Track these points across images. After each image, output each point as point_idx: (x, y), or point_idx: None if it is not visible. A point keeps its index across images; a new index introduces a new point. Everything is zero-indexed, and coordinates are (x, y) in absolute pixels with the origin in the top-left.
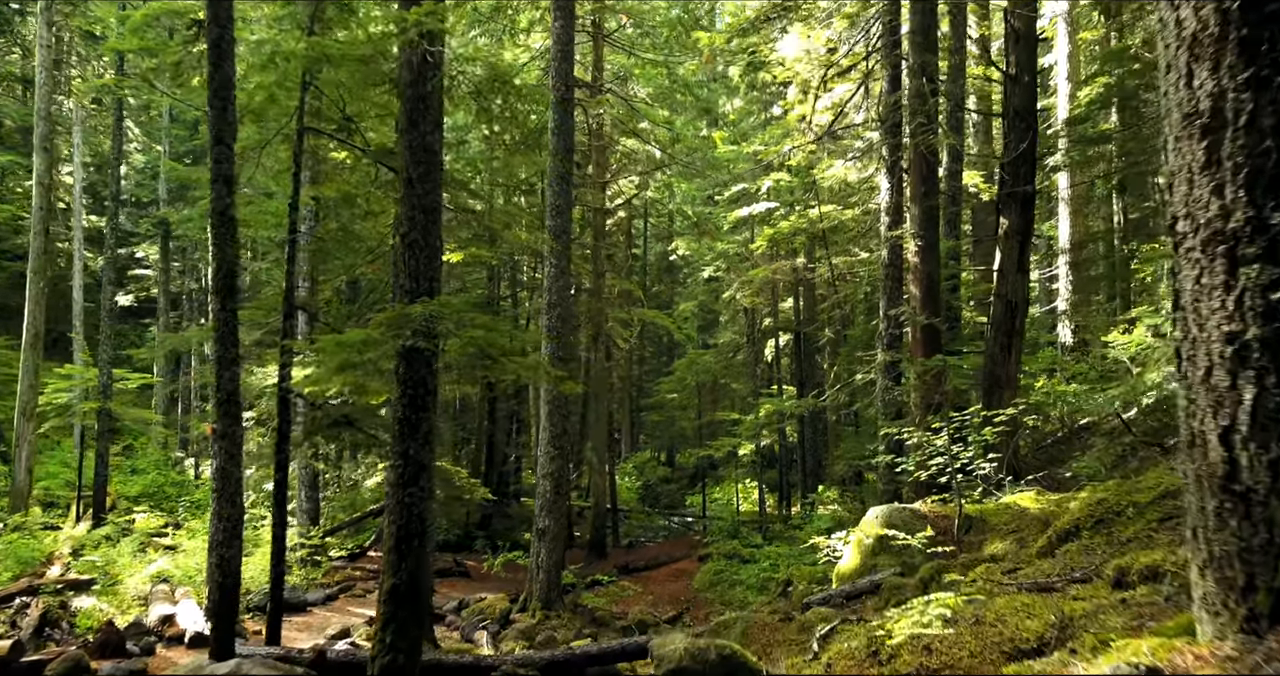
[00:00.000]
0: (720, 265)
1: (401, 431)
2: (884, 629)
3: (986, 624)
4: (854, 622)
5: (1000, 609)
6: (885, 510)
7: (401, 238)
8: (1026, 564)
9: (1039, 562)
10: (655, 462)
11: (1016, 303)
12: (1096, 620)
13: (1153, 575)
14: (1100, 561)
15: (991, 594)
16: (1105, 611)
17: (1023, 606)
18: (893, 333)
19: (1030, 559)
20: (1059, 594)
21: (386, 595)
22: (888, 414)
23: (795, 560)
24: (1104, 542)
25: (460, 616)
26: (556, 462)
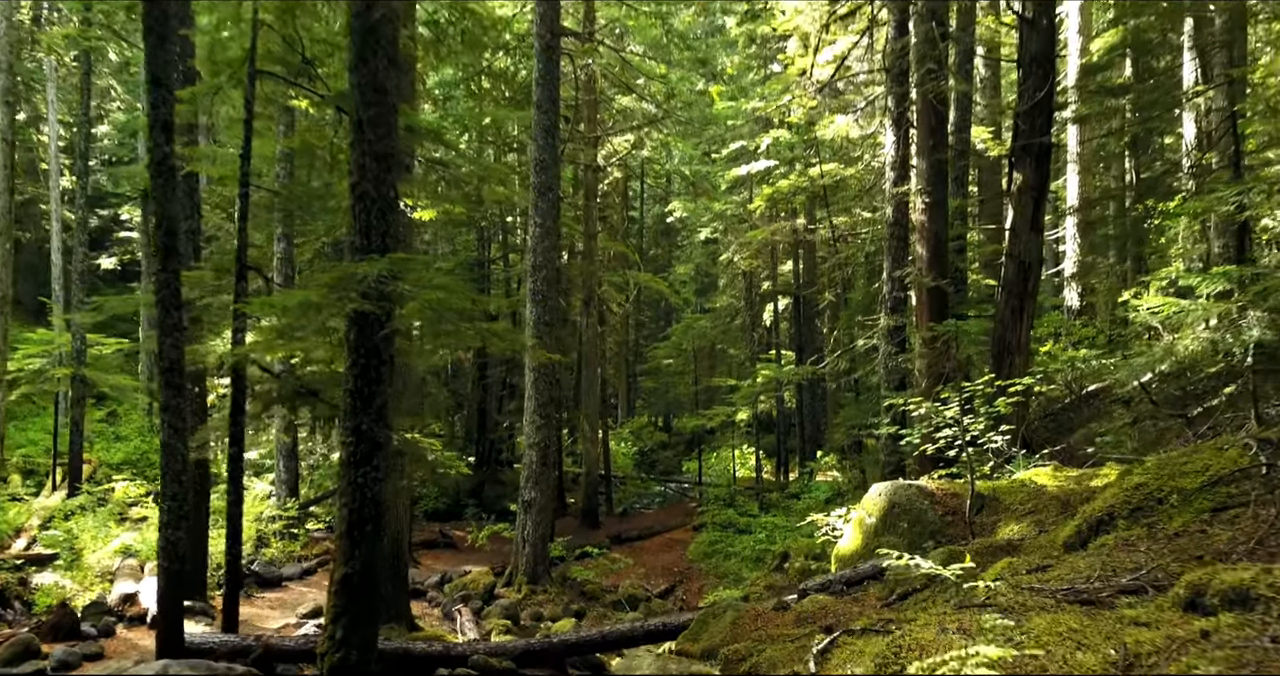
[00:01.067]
0: (717, 226)
1: (353, 405)
2: (897, 647)
3: (1026, 656)
4: (856, 634)
5: (1041, 633)
6: (889, 487)
7: (351, 188)
8: (1055, 560)
9: (1070, 559)
10: (652, 428)
11: (1030, 263)
12: (1175, 661)
13: (1240, 599)
14: (1148, 562)
15: (1025, 607)
16: (1183, 648)
17: (1070, 632)
18: (897, 296)
19: (1057, 551)
20: (1109, 610)
21: (338, 585)
22: (890, 382)
23: (792, 531)
24: (1145, 536)
25: (442, 592)
26: (543, 432)
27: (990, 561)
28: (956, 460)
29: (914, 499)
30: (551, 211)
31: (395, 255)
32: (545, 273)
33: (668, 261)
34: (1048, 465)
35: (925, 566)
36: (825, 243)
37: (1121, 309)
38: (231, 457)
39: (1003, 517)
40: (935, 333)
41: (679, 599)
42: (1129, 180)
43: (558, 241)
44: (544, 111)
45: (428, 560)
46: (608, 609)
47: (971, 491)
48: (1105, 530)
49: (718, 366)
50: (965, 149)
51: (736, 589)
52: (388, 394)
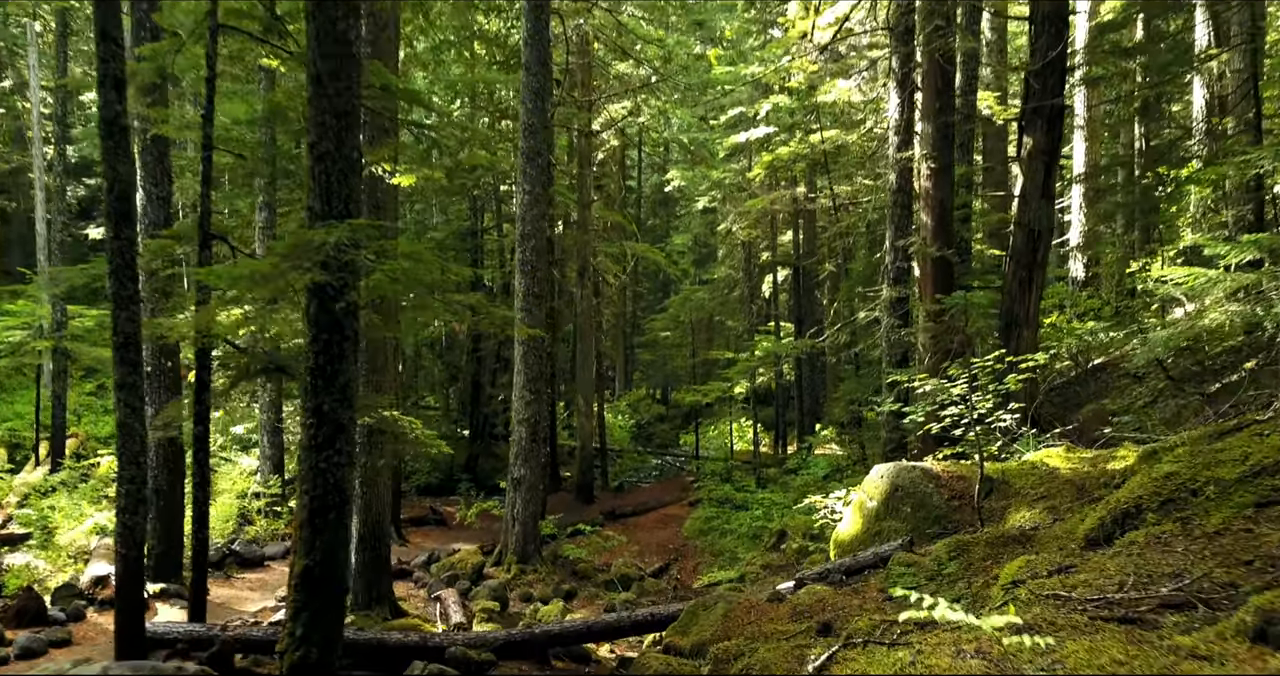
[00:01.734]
0: (715, 195)
1: (314, 384)
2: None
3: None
4: (858, 647)
5: (1079, 666)
6: (891, 469)
7: (310, 148)
8: (1078, 559)
9: (1096, 558)
10: (650, 400)
11: (1040, 231)
12: None
13: None
14: (1189, 567)
15: (1053, 625)
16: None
17: (1114, 664)
18: (899, 266)
19: (1077, 544)
20: (1155, 633)
21: (298, 579)
22: (892, 356)
23: (789, 508)
24: (1180, 533)
25: (429, 572)
26: (533, 407)
27: (1002, 554)
28: (961, 439)
29: (918, 482)
30: (541, 178)
31: (357, 221)
32: (534, 242)
33: (666, 231)
34: (1059, 445)
35: (948, 614)
36: (826, 212)
37: (1129, 280)
38: (196, 437)
39: (1013, 503)
40: (942, 305)
41: (673, 577)
42: (1138, 147)
43: (548, 209)
44: (533, 73)
45: (416, 538)
46: (599, 588)
47: (980, 474)
48: (1133, 524)
49: (716, 339)
50: (971, 113)
51: (732, 569)
52: (353, 372)
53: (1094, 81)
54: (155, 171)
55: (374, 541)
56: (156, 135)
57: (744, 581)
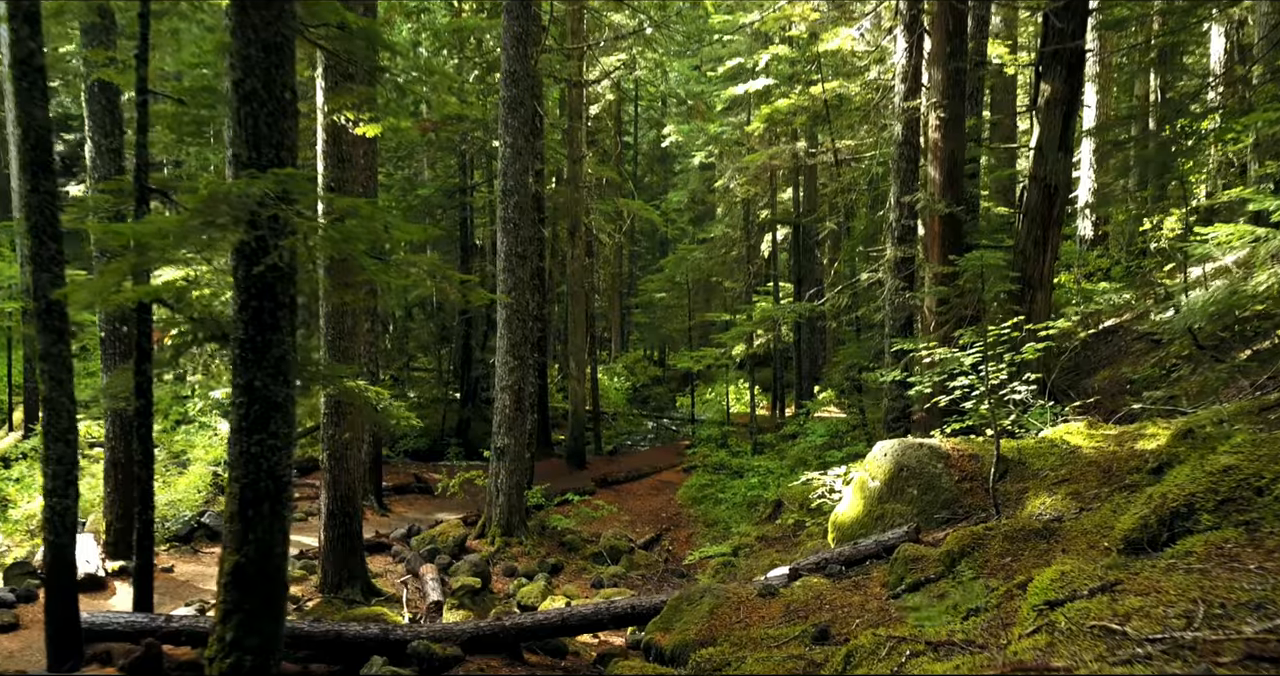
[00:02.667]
0: (713, 150)
1: (243, 357)
2: None
3: None
4: None
5: None
6: (896, 447)
7: (233, 87)
8: (1124, 572)
9: (1146, 572)
10: (646, 362)
11: (1056, 186)
12: None
13: None
14: (1273, 595)
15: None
16: None
17: None
18: (905, 224)
19: (1114, 545)
20: None
21: (228, 577)
22: (896, 320)
23: (786, 477)
24: (1246, 543)
25: (409, 545)
26: (517, 374)
27: (1022, 550)
28: (971, 413)
29: (925, 461)
30: (524, 129)
31: (289, 171)
32: (517, 198)
33: (664, 188)
34: (1079, 420)
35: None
36: (827, 168)
37: (1141, 239)
38: (138, 412)
39: (1030, 486)
40: (954, 266)
41: (664, 549)
42: (1153, 99)
43: (531, 163)
44: (514, 16)
45: (400, 507)
46: (587, 561)
47: (996, 455)
48: (1184, 527)
49: (713, 300)
50: (981, 60)
51: (725, 543)
52: (289, 344)
53: (1118, 24)
54: (104, 121)
55: (344, 517)
56: (104, 81)
57: (738, 555)
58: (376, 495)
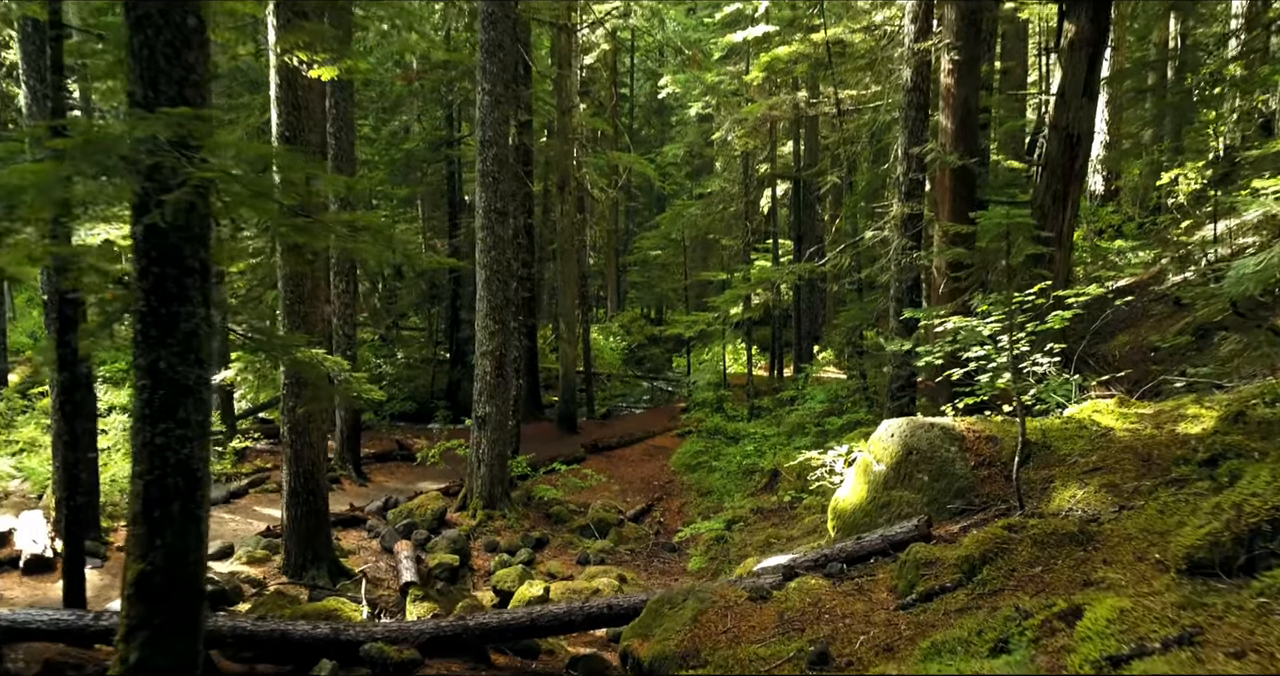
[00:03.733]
0: (710, 101)
1: (145, 333)
2: None
3: None
4: None
5: None
6: (904, 427)
7: (125, 11)
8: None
9: (1233, 618)
10: (643, 321)
11: (1079, 136)
12: None
13: None
14: None
15: None
16: None
17: None
18: (913, 178)
19: (1174, 565)
20: None
21: (132, 588)
22: (902, 282)
23: (783, 446)
24: None
25: (385, 519)
26: (498, 338)
27: (1055, 559)
28: (986, 387)
29: (937, 444)
30: (504, 75)
31: (180, 111)
32: (496, 150)
33: (661, 142)
34: (1108, 396)
35: None
36: (828, 120)
37: (1155, 194)
38: (62, 387)
39: (1057, 474)
40: (972, 224)
41: (655, 521)
42: (1172, 46)
43: (515, 113)
44: None
45: (380, 476)
46: (574, 535)
47: (1021, 439)
48: (1269, 549)
49: (710, 258)
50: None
51: (718, 518)
52: (202, 316)
53: None
54: (38, 65)
55: (307, 495)
56: (36, 20)
57: (731, 530)
58: (355, 464)
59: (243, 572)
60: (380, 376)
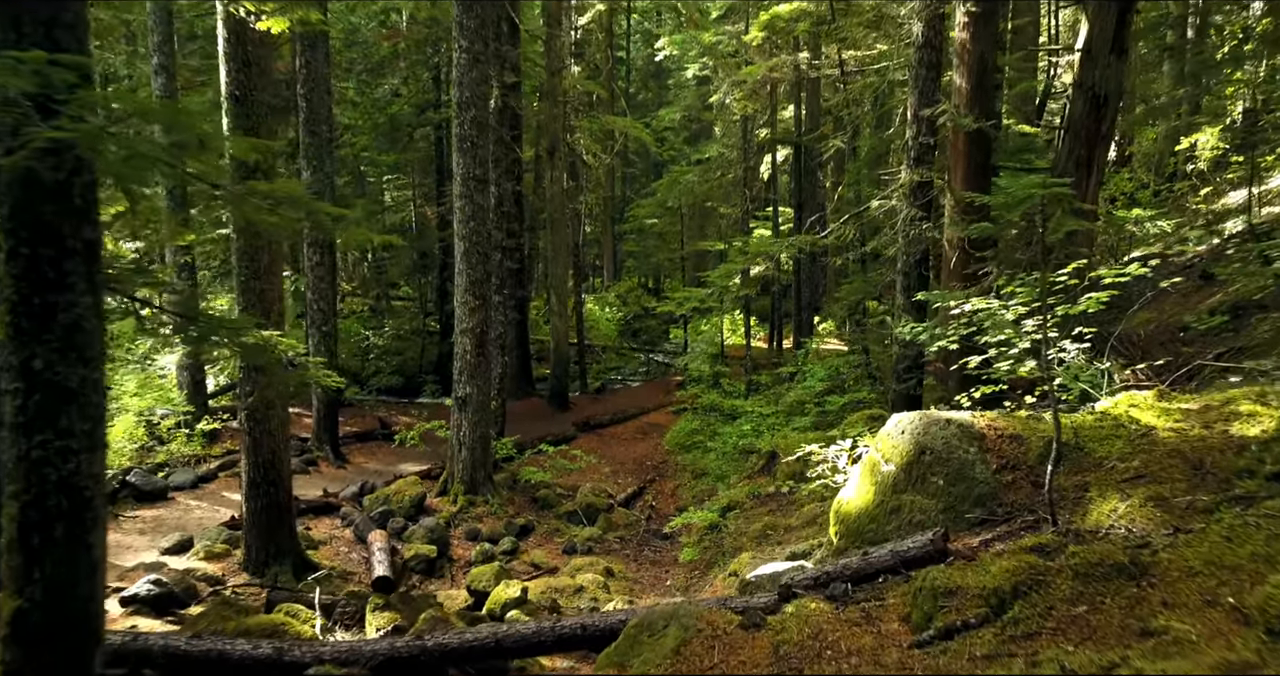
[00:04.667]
0: (708, 62)
1: (15, 328)
2: None
3: None
4: None
5: None
6: (917, 422)
7: None
8: None
9: None
10: (640, 291)
11: (1106, 96)
12: None
13: None
14: None
15: None
16: None
17: None
18: (923, 142)
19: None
20: None
21: (7, 628)
22: (910, 254)
23: (781, 427)
24: None
25: (360, 506)
26: (478, 315)
27: (1105, 598)
28: (1007, 373)
29: (954, 443)
30: (482, 32)
31: (34, 55)
32: (475, 113)
33: (659, 107)
34: (1145, 387)
35: None
36: (830, 83)
37: (1172, 160)
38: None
39: (1092, 481)
40: (988, 195)
41: (647, 505)
42: (1193, 2)
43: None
44: None
45: (360, 457)
46: (561, 521)
47: (1056, 442)
48: None
49: (708, 226)
50: None
51: (713, 504)
52: (86, 305)
53: None
54: None
55: (267, 486)
56: None
57: (726, 517)
58: (332, 445)
59: (199, 569)
60: (368, 349)
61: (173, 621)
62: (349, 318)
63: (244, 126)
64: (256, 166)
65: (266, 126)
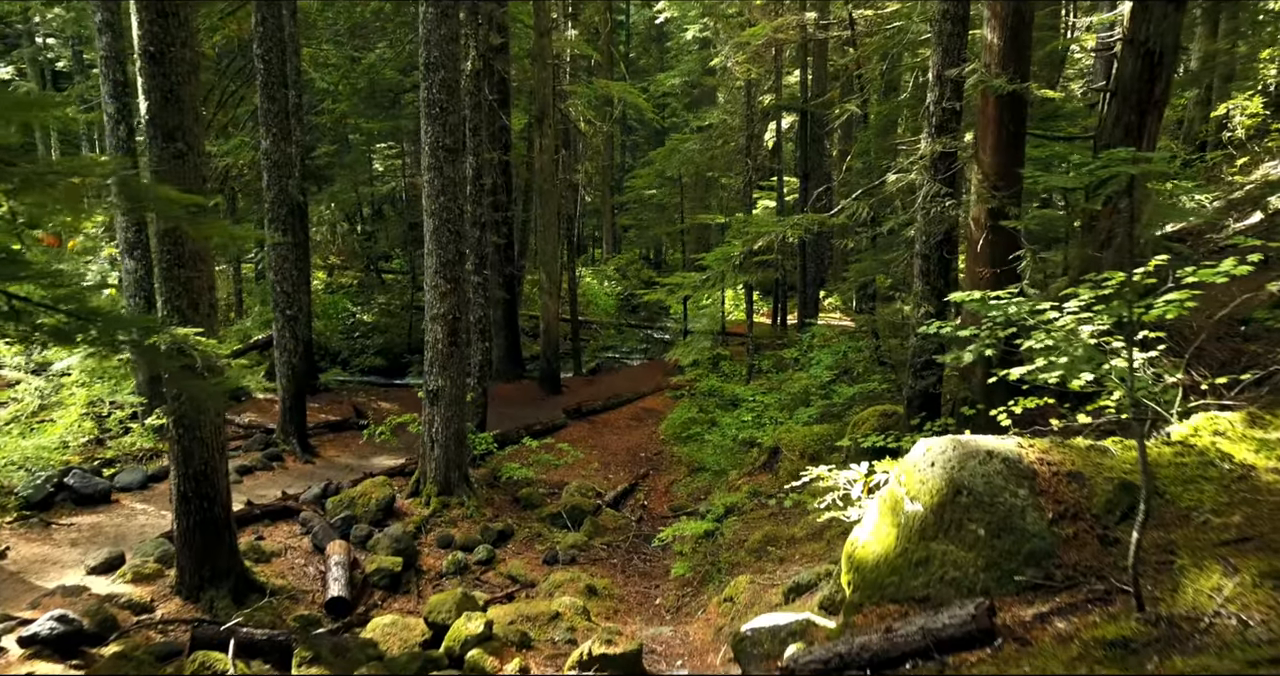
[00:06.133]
0: (708, 23)
1: None
2: None
3: None
4: None
5: None
6: (948, 451)
7: None
8: None
9: None
10: (640, 263)
11: (1161, 53)
12: None
13: None
14: None
15: None
16: None
17: None
18: (948, 107)
19: None
20: None
21: None
22: (932, 234)
23: (784, 412)
24: None
25: (322, 509)
26: (450, 300)
27: None
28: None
29: (998, 483)
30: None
31: None
32: (444, 75)
33: (660, 71)
34: (1233, 408)
35: None
36: (839, 46)
37: (1204, 129)
38: None
39: (1180, 542)
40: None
41: (638, 505)
42: None
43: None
44: None
45: (331, 450)
46: (544, 525)
47: (1145, 496)
48: None
49: (709, 197)
50: None
51: (709, 507)
52: None
53: None
54: None
55: (201, 501)
56: None
57: (723, 523)
58: (300, 437)
59: (124, 595)
60: (354, 327)
61: (78, 666)
62: (337, 292)
63: (161, 89)
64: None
65: (191, 89)
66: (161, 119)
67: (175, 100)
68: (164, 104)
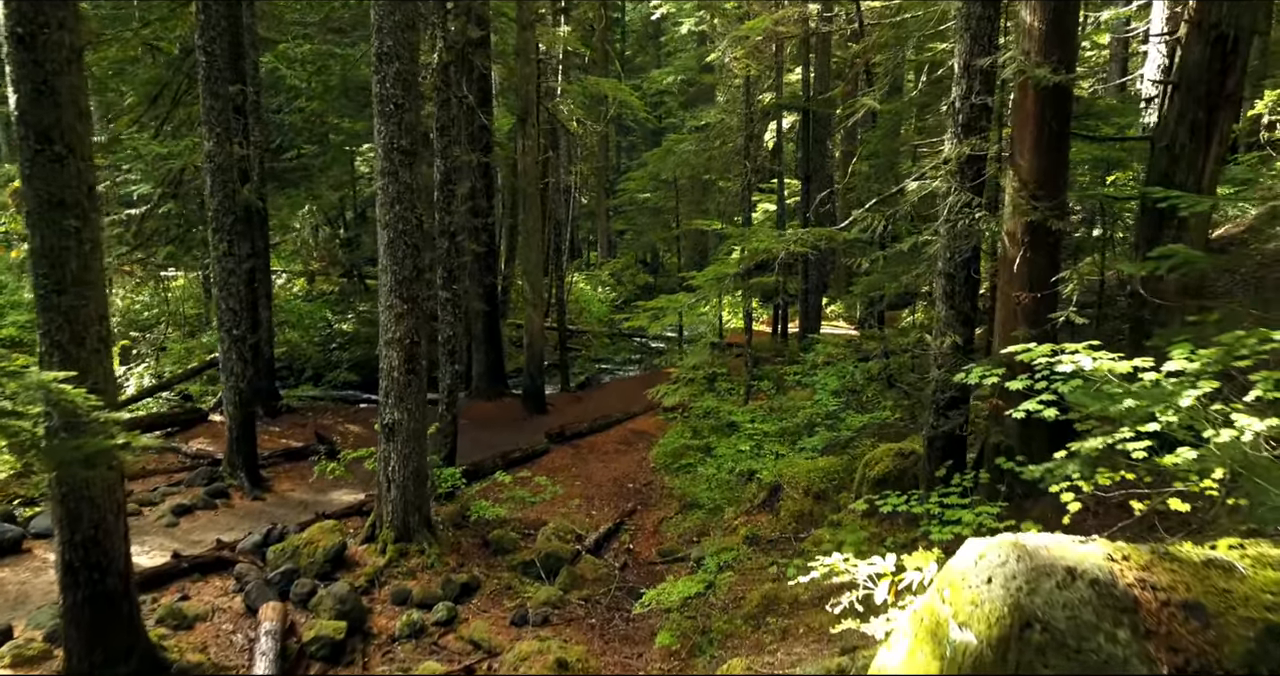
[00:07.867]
0: (705, 17)
1: None
2: None
3: None
4: None
5: None
6: (1011, 561)
7: None
8: None
9: None
10: (636, 268)
11: (1236, 38)
12: None
13: None
14: None
15: None
16: None
17: None
18: (977, 102)
19: None
20: None
21: None
22: (958, 251)
23: (786, 442)
24: None
25: (261, 561)
26: (406, 322)
27: None
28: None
29: (1086, 618)
30: None
31: None
32: (399, 66)
33: (657, 69)
34: None
35: None
36: (843, 40)
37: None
38: None
39: None
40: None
41: (623, 549)
42: None
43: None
44: None
45: (285, 483)
46: (514, 574)
47: None
48: None
49: (707, 201)
50: None
51: (697, 573)
52: None
53: None
54: None
55: (91, 572)
56: None
57: (718, 578)
58: (249, 470)
59: None
60: (330, 337)
61: None
62: (316, 300)
63: (33, 80)
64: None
65: (72, 80)
66: (34, 116)
67: (50, 93)
68: (35, 98)
